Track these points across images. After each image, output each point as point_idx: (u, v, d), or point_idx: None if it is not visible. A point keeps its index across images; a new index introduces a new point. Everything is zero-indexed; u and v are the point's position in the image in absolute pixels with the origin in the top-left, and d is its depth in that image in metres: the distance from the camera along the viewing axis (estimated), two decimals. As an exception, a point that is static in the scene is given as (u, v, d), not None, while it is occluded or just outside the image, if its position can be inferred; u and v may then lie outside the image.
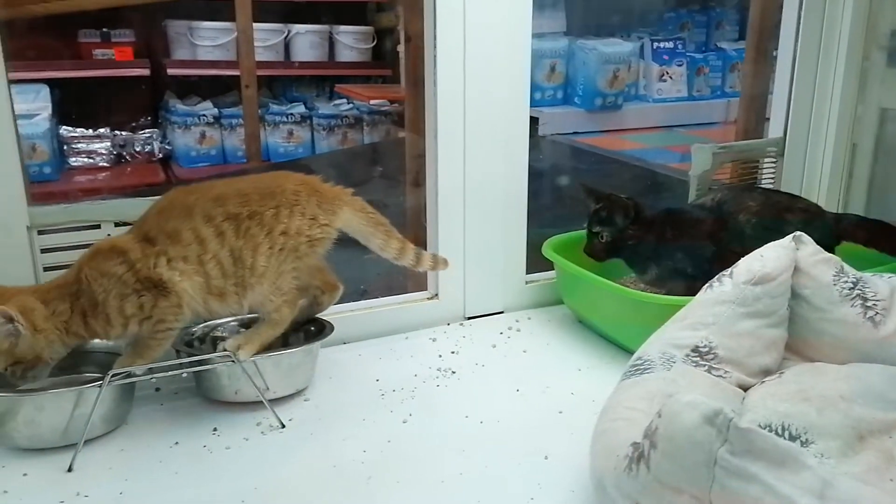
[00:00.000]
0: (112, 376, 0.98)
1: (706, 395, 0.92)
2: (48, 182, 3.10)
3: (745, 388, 0.98)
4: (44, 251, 1.12)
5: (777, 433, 0.89)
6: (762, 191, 1.49)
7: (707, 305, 1.01)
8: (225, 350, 1.04)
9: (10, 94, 1.08)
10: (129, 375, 1.00)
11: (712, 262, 1.21)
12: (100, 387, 0.97)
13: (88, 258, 1.01)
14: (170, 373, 1.03)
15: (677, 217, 1.33)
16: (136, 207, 1.13)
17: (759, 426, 0.89)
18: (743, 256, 1.04)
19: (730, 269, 1.03)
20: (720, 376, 0.97)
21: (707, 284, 1.03)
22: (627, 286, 1.33)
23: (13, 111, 1.09)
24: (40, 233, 1.12)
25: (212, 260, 1.02)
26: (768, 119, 1.82)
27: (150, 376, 1.02)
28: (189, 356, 1.07)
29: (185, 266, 1.01)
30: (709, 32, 4.34)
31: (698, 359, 0.97)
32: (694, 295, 1.04)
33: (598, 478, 0.80)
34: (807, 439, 0.89)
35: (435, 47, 1.30)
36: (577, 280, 1.32)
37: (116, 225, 1.15)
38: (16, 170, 1.09)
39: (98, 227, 1.15)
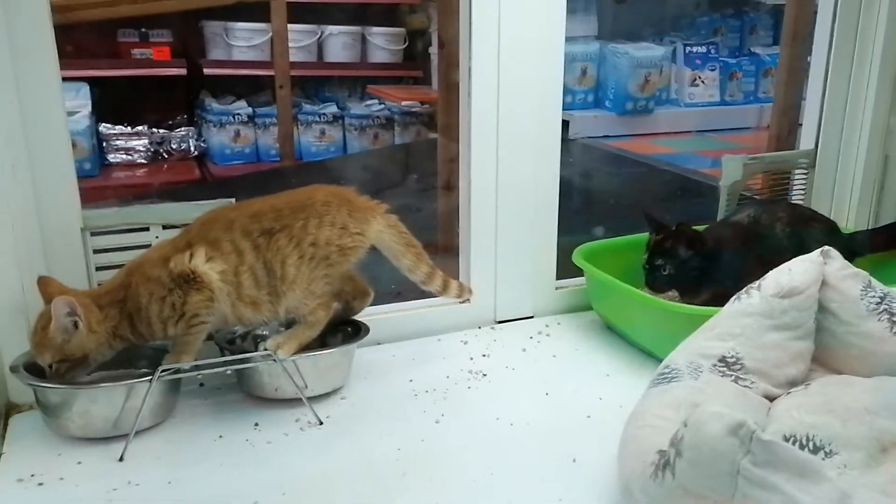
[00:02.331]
0: (161, 372, 1.03)
1: (732, 405, 0.95)
2: (88, 178, 3.18)
3: (772, 399, 1.01)
4: (96, 252, 1.17)
5: (802, 444, 0.91)
6: (786, 206, 1.50)
7: (735, 317, 1.04)
8: (266, 349, 1.09)
9: (63, 100, 1.14)
10: (178, 371, 1.05)
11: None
12: (150, 381, 1.02)
13: (137, 265, 1.06)
14: (215, 370, 1.08)
15: (722, 241, 1.33)
16: (182, 211, 1.19)
17: (785, 437, 0.92)
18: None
19: (758, 282, 1.05)
20: (747, 386, 0.99)
21: (735, 296, 1.06)
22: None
23: (66, 116, 1.15)
24: (93, 234, 1.17)
25: (247, 271, 1.07)
26: (801, 125, 1.82)
27: (196, 372, 1.07)
28: (230, 353, 1.12)
29: (221, 266, 1.06)
30: (742, 37, 4.32)
31: (725, 369, 0.99)
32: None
33: (626, 482, 0.83)
34: (831, 450, 0.91)
35: (470, 58, 1.33)
36: (606, 288, 1.35)
37: (164, 228, 1.20)
38: (70, 173, 1.14)
39: (147, 229, 1.20)
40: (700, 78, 4.11)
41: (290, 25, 3.47)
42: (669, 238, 1.31)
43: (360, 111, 3.83)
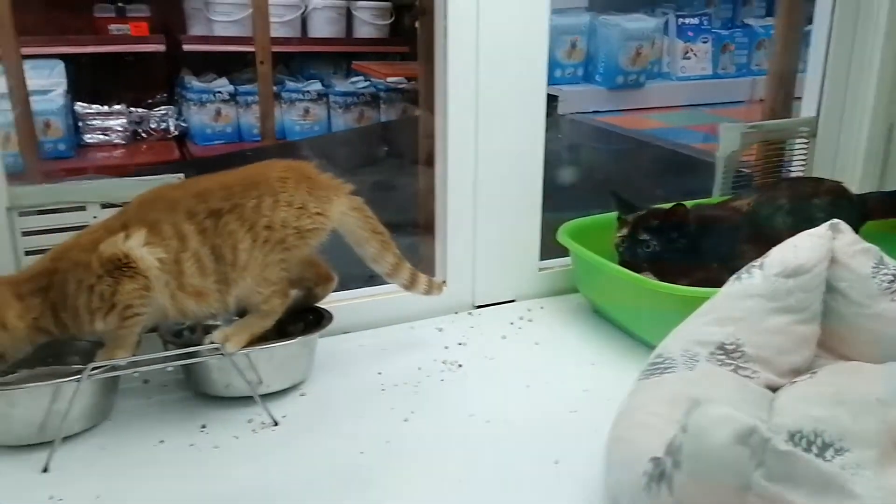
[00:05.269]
0: (91, 370, 0.92)
1: (732, 398, 0.85)
2: (63, 159, 3.08)
3: (774, 389, 0.91)
4: (25, 234, 1.06)
5: (809, 440, 0.82)
6: (788, 183, 1.40)
7: (734, 299, 0.93)
8: (212, 342, 0.97)
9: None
10: (111, 369, 0.94)
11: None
12: (77, 381, 0.91)
13: (65, 249, 0.95)
14: (154, 366, 0.97)
15: (715, 224, 1.25)
16: (121, 188, 1.08)
17: (790, 433, 0.83)
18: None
19: (760, 260, 0.95)
20: (747, 376, 0.89)
21: (735, 276, 0.95)
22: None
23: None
24: (21, 214, 1.05)
25: (190, 258, 0.96)
26: (797, 98, 1.73)
27: (132, 370, 0.96)
28: (177, 347, 1.01)
29: (161, 254, 0.94)
30: (735, 8, 4.21)
31: (724, 357, 0.89)
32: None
33: (614, 493, 0.73)
34: (841, 447, 0.81)
35: (446, 19, 1.22)
36: (593, 268, 1.24)
37: (103, 207, 1.08)
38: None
39: (83, 208, 1.08)
40: (692, 50, 3.99)
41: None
42: (659, 216, 1.22)
43: (345, 88, 3.72)
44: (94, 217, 1.08)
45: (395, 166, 2.71)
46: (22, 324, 0.91)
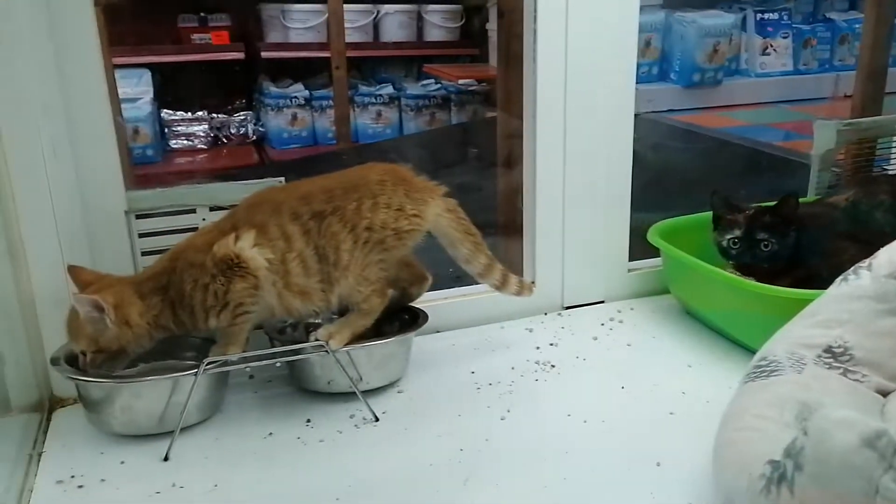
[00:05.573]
0: (207, 364, 0.96)
1: (843, 402, 0.84)
2: (151, 164, 3.20)
3: (885, 394, 0.89)
4: (142, 235, 1.11)
5: (924, 447, 0.80)
6: (886, 178, 1.36)
7: (841, 301, 0.92)
8: (317, 339, 1.01)
9: (109, 82, 1.08)
10: (225, 364, 0.98)
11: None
12: (195, 375, 0.96)
13: (181, 250, 0.99)
14: (264, 362, 1.01)
15: (813, 222, 1.22)
16: (230, 192, 1.12)
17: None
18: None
19: (868, 261, 0.93)
20: (857, 380, 0.87)
21: (841, 277, 0.94)
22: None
23: (109, 98, 1.09)
24: (138, 217, 1.11)
25: (296, 258, 0.99)
26: (889, 94, 1.69)
27: (244, 365, 0.99)
28: (282, 344, 1.05)
29: (268, 254, 0.98)
30: (816, 2, 4.09)
31: (832, 360, 0.88)
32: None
33: (727, 495, 0.72)
34: (958, 455, 0.79)
35: (535, 20, 1.23)
36: (686, 269, 1.23)
37: (211, 209, 1.13)
38: (113, 155, 1.08)
39: (194, 211, 1.13)
40: (772, 46, 3.90)
41: (346, 5, 3.40)
42: (769, 213, 1.20)
43: (417, 91, 3.76)
44: (204, 219, 1.13)
45: (471, 168, 2.73)
46: (143, 321, 0.96)
